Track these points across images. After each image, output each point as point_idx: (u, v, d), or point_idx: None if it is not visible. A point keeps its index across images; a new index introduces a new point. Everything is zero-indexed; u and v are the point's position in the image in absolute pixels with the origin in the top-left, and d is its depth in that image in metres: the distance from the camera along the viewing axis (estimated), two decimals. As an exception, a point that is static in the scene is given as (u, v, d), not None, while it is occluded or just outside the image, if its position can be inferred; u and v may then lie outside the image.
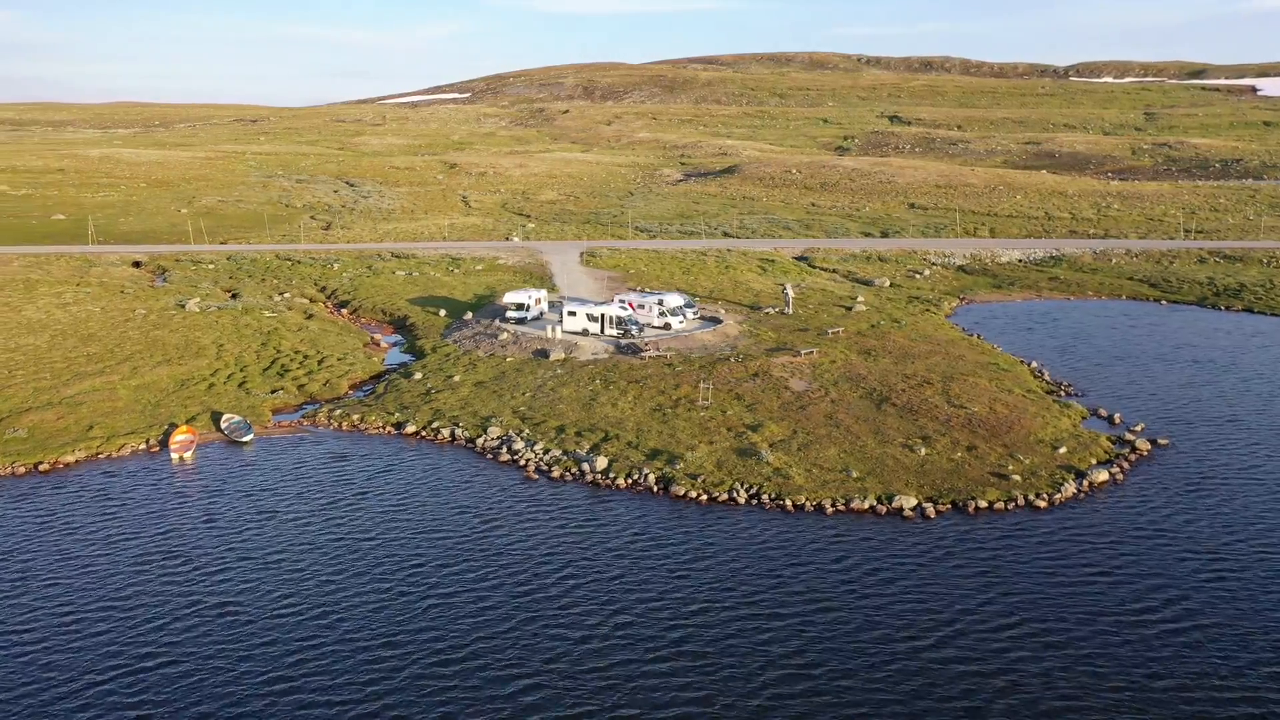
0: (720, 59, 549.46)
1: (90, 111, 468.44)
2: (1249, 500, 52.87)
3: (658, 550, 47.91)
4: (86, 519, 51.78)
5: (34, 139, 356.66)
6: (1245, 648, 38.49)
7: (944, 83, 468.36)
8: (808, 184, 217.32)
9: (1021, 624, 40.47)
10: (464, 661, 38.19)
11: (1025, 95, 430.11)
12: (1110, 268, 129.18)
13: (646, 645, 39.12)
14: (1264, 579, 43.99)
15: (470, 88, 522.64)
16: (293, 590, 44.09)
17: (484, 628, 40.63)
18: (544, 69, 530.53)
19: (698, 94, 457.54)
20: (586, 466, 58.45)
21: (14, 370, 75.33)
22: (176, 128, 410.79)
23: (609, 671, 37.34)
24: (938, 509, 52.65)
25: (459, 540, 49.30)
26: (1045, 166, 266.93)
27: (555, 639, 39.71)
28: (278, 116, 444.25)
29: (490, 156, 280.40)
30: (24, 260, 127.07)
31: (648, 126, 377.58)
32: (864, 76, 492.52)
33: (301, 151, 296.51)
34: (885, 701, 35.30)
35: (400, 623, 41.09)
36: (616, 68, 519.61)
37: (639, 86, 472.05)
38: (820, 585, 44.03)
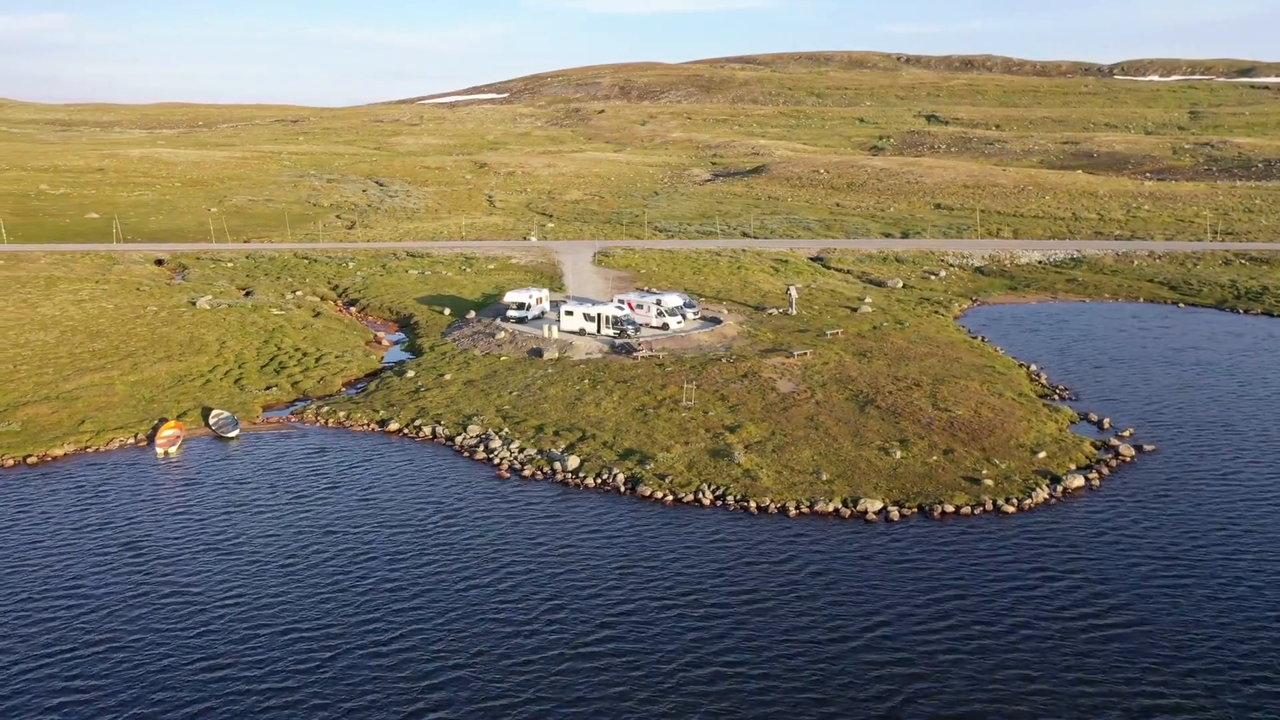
0: (758, 58, 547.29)
1: (137, 112, 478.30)
2: (1220, 508, 51.77)
3: (608, 549, 48.07)
4: (60, 509, 53.22)
5: (82, 139, 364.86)
6: (1180, 656, 37.89)
7: (984, 82, 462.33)
8: (834, 184, 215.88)
9: (956, 626, 40.18)
10: (394, 651, 38.82)
11: (1067, 94, 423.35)
12: (1131, 270, 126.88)
13: (575, 639, 39.50)
14: (1213, 589, 43.15)
15: (508, 88, 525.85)
16: (243, 579, 45.00)
17: (420, 619, 41.21)
18: (581, 69, 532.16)
19: (735, 94, 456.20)
20: (558, 465, 58.73)
21: (19, 365, 77.26)
22: (220, 128, 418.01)
23: (532, 663, 37.79)
24: (903, 512, 52.17)
25: (415, 534, 49.93)
26: (1082, 166, 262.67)
27: (485, 632, 40.21)
28: (318, 117, 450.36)
29: (521, 156, 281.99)
30: (50, 258, 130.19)
31: (682, 126, 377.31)
32: (903, 76, 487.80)
33: (337, 151, 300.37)
34: (800, 701, 35.26)
35: (340, 613, 41.82)
36: (654, 67, 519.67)
37: (676, 86, 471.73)
38: (764, 585, 43.97)
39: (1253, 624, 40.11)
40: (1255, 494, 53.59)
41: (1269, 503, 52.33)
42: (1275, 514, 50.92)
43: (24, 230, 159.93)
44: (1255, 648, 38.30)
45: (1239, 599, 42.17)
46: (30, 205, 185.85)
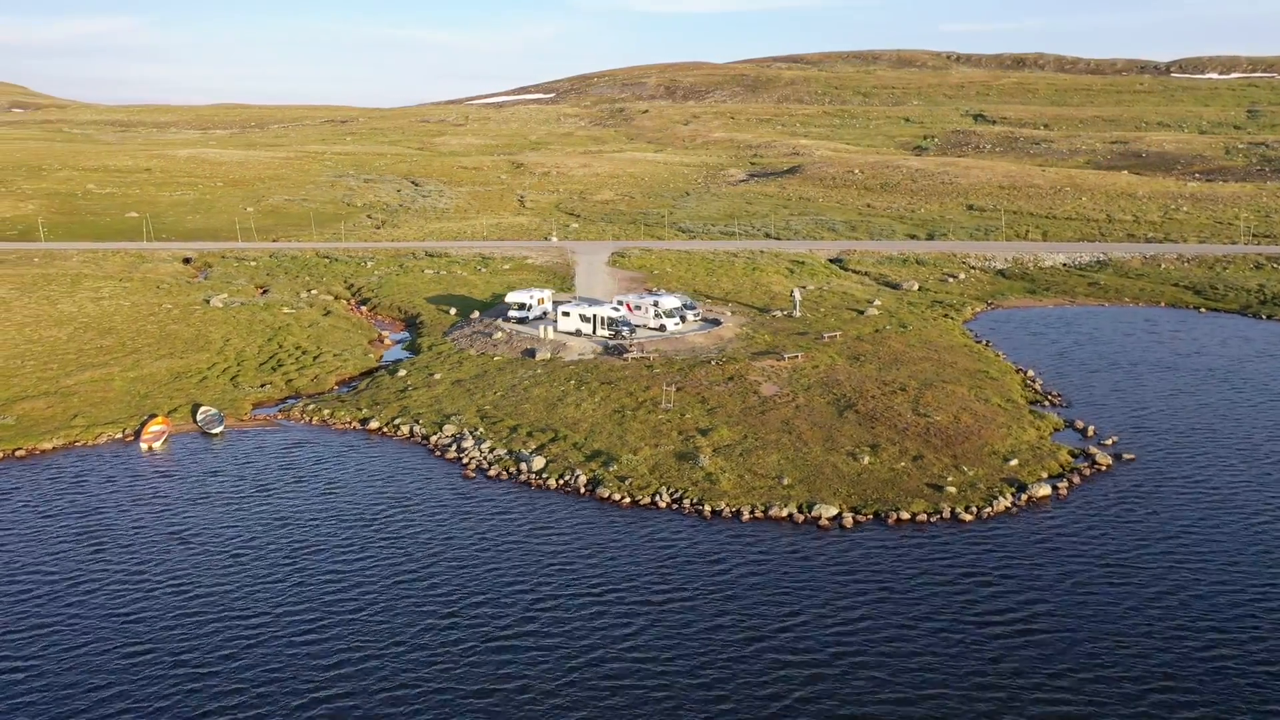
0: (806, 58, 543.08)
1: (193, 113, 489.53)
2: (1179, 520, 50.42)
3: (546, 547, 48.50)
4: (34, 499, 55.13)
5: (138, 140, 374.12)
6: (1091, 663, 37.25)
7: (1036, 80, 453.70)
8: (868, 185, 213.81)
9: (872, 629, 40.02)
10: (313, 639, 39.85)
11: (1121, 92, 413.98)
12: (1157, 273, 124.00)
13: (492, 631, 40.28)
14: (1144, 599, 42.18)
15: (555, 88, 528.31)
16: (190, 567, 46.49)
17: (347, 610, 42.27)
18: (628, 69, 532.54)
19: (780, 93, 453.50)
20: (524, 466, 59.18)
21: (26, 360, 79.75)
22: (270, 129, 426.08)
23: (445, 654, 38.55)
24: (858, 519, 51.72)
25: (364, 529, 50.93)
26: (1129, 166, 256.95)
27: (407, 623, 41.07)
28: (366, 117, 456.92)
29: (558, 156, 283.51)
30: (82, 256, 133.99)
31: (724, 126, 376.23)
32: (952, 74, 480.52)
33: (380, 152, 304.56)
34: (697, 698, 35.56)
35: (272, 601, 43.09)
36: (699, 67, 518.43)
37: (721, 86, 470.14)
38: (691, 585, 44.13)
39: (1174, 635, 39.36)
40: (1221, 505, 52.22)
41: (1231, 515, 50.97)
42: (1233, 526, 49.61)
43: (65, 228, 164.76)
44: (1171, 658, 37.62)
45: (1165, 610, 41.30)
46: (76, 204, 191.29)
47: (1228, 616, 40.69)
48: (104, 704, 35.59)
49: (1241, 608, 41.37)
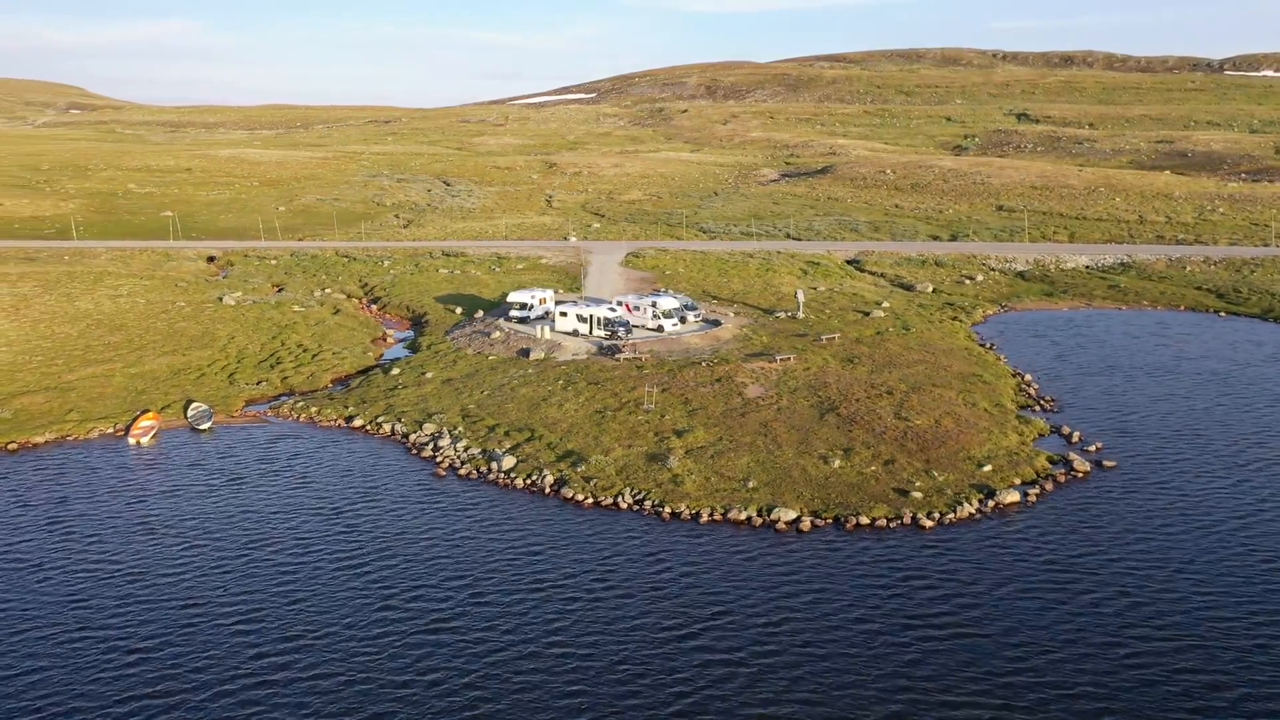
0: (848, 56, 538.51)
1: (240, 114, 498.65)
2: (1144, 530, 49.23)
3: (497, 544, 49.03)
4: (15, 489, 57.10)
5: (186, 140, 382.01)
6: (1003, 673, 36.76)
7: (1083, 78, 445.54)
8: (899, 185, 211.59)
9: (795, 630, 40.04)
10: (248, 626, 41.14)
11: (1171, 91, 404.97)
12: (1180, 276, 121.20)
13: (421, 624, 41.18)
14: (1080, 606, 41.41)
15: (596, 88, 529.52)
16: (147, 556, 48.17)
17: (285, 599, 43.60)
18: (669, 69, 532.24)
19: (821, 92, 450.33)
20: (495, 465, 59.58)
21: (33, 356, 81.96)
22: (315, 129, 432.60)
23: (372, 644, 39.63)
24: (816, 523, 51.34)
25: (321, 522, 52.11)
26: (1173, 166, 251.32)
27: (343, 614, 42.20)
28: (409, 117, 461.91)
29: (592, 156, 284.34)
30: (111, 254, 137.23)
31: (763, 126, 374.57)
32: (997, 73, 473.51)
33: (417, 151, 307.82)
34: (603, 693, 36.07)
35: (219, 588, 44.60)
36: (741, 66, 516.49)
37: (762, 85, 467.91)
38: (627, 583, 44.52)
39: (1104, 642, 38.74)
40: (1187, 514, 50.98)
41: (1195, 524, 49.76)
42: (1193, 535, 48.43)
43: (100, 227, 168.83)
44: (1095, 664, 37.07)
45: (1100, 617, 40.61)
46: (114, 203, 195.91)
47: (1163, 625, 39.94)
48: (36, 686, 36.82)
49: (1179, 617, 40.57)
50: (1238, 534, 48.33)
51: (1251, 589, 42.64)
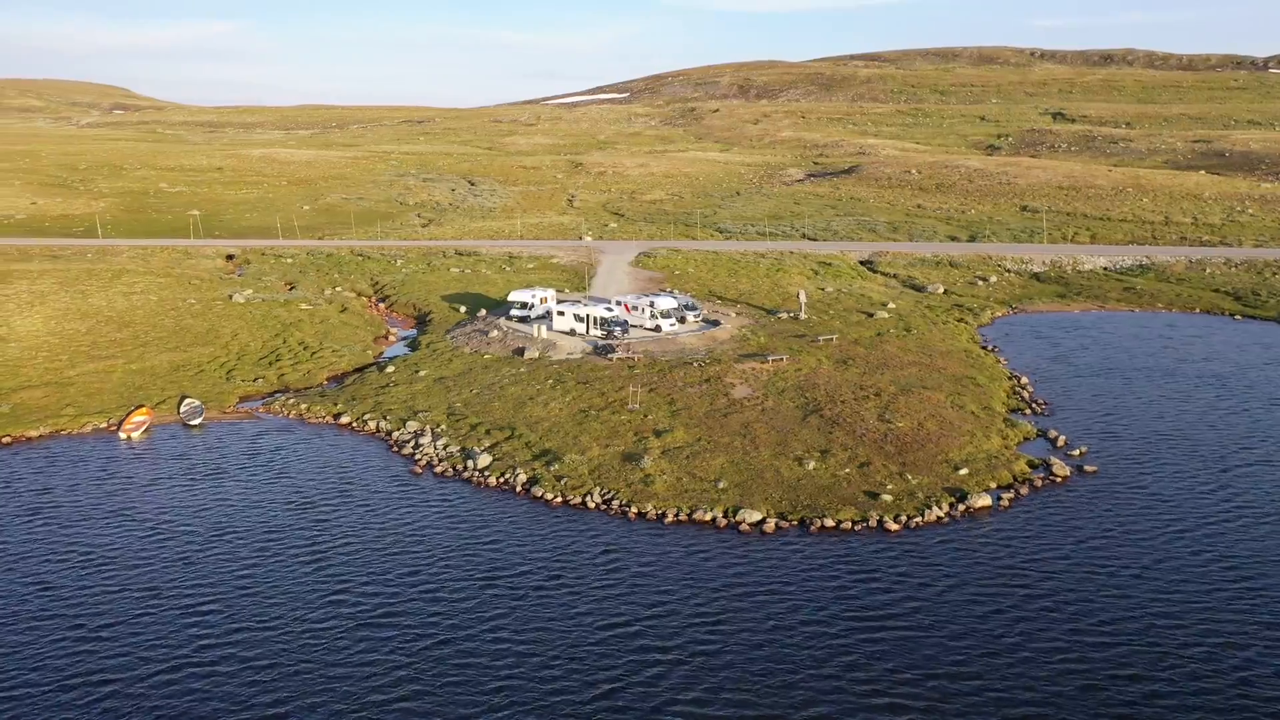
0: (883, 55, 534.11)
1: (278, 114, 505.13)
2: (1108, 536, 48.51)
3: (456, 540, 49.77)
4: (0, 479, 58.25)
5: (224, 140, 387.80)
6: (938, 676, 36.56)
7: (1123, 77, 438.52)
8: (923, 185, 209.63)
9: (732, 629, 40.24)
10: (201, 615, 42.35)
11: (1213, 89, 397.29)
12: (1200, 278, 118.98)
13: (364, 612, 42.30)
14: (1030, 615, 40.81)
15: (629, 88, 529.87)
16: (113, 544, 49.53)
17: (235, 588, 44.87)
18: (702, 68, 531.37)
19: (854, 91, 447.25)
20: (471, 463, 59.92)
21: (40, 351, 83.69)
22: (350, 129, 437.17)
23: (315, 631, 40.72)
24: (781, 525, 51.11)
25: (292, 515, 53.21)
26: (1209, 166, 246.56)
27: (292, 603, 43.31)
28: (443, 117, 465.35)
29: (619, 156, 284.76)
30: (132, 252, 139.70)
31: (794, 125, 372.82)
32: (1034, 71, 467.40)
33: (447, 151, 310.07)
34: (527, 682, 36.79)
35: (175, 576, 45.90)
36: (774, 66, 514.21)
37: (795, 85, 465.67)
38: (575, 579, 45.11)
39: (1046, 648, 38.46)
40: (1163, 521, 50.21)
41: (1162, 531, 49.05)
42: (1156, 542, 47.78)
43: (127, 225, 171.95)
44: (1032, 670, 36.87)
45: (1047, 624, 40.30)
46: (144, 202, 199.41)
47: (1110, 631, 39.49)
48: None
49: (1128, 623, 40.12)
50: (1204, 540, 47.56)
51: (1206, 597, 41.98)
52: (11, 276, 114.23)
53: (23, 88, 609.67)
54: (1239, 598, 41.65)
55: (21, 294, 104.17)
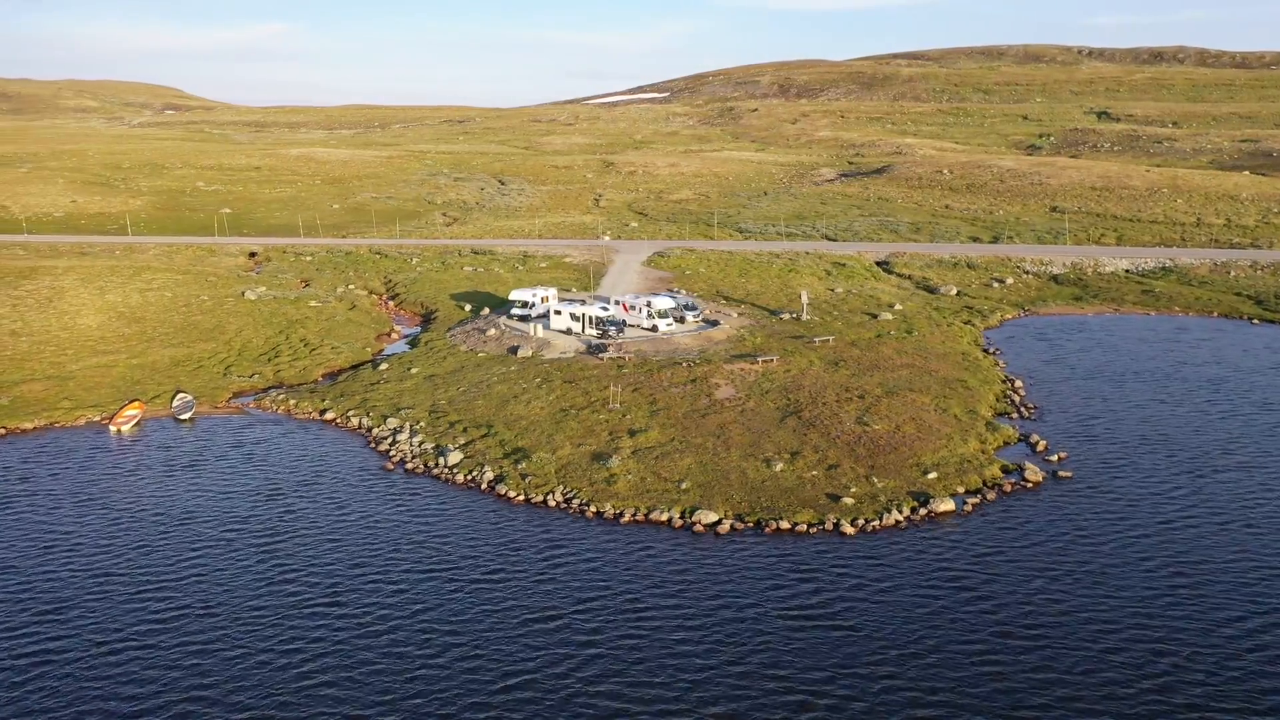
0: (927, 54, 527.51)
1: (323, 114, 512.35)
2: (1068, 545, 47.47)
3: (407, 533, 50.51)
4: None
5: (268, 139, 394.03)
6: (838, 687, 36.09)
7: (1173, 75, 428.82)
8: (953, 185, 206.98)
9: (655, 624, 40.68)
10: (146, 600, 43.79)
11: (1266, 88, 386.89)
12: (1223, 281, 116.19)
13: (302, 600, 43.31)
14: (958, 619, 40.20)
15: (670, 87, 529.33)
16: (76, 530, 51.20)
17: (189, 574, 46.03)
18: (743, 67, 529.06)
19: (896, 90, 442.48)
20: (442, 460, 60.43)
21: (47, 345, 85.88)
22: (392, 128, 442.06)
23: (248, 618, 41.84)
24: (736, 526, 50.89)
25: (255, 506, 54.55)
26: (1254, 166, 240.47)
27: (233, 590, 44.57)
28: (483, 117, 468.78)
29: (652, 156, 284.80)
30: (158, 249, 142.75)
31: (832, 125, 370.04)
32: (1080, 70, 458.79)
33: (482, 151, 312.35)
34: (439, 668, 37.79)
35: (127, 562, 47.34)
36: (816, 65, 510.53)
37: (836, 84, 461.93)
38: (512, 574, 45.64)
39: (973, 650, 38.09)
40: (1125, 527, 49.20)
41: (1125, 538, 47.99)
42: (1115, 549, 46.82)
43: (159, 223, 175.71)
44: (943, 674, 36.36)
45: (976, 627, 39.74)
46: (180, 200, 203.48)
47: (1034, 636, 38.98)
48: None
49: (1061, 630, 39.43)
50: (1158, 545, 46.79)
51: (1146, 603, 41.27)
52: (37, 273, 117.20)
53: (80, 88, 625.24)
54: (1178, 603, 40.89)
55: (42, 290, 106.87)
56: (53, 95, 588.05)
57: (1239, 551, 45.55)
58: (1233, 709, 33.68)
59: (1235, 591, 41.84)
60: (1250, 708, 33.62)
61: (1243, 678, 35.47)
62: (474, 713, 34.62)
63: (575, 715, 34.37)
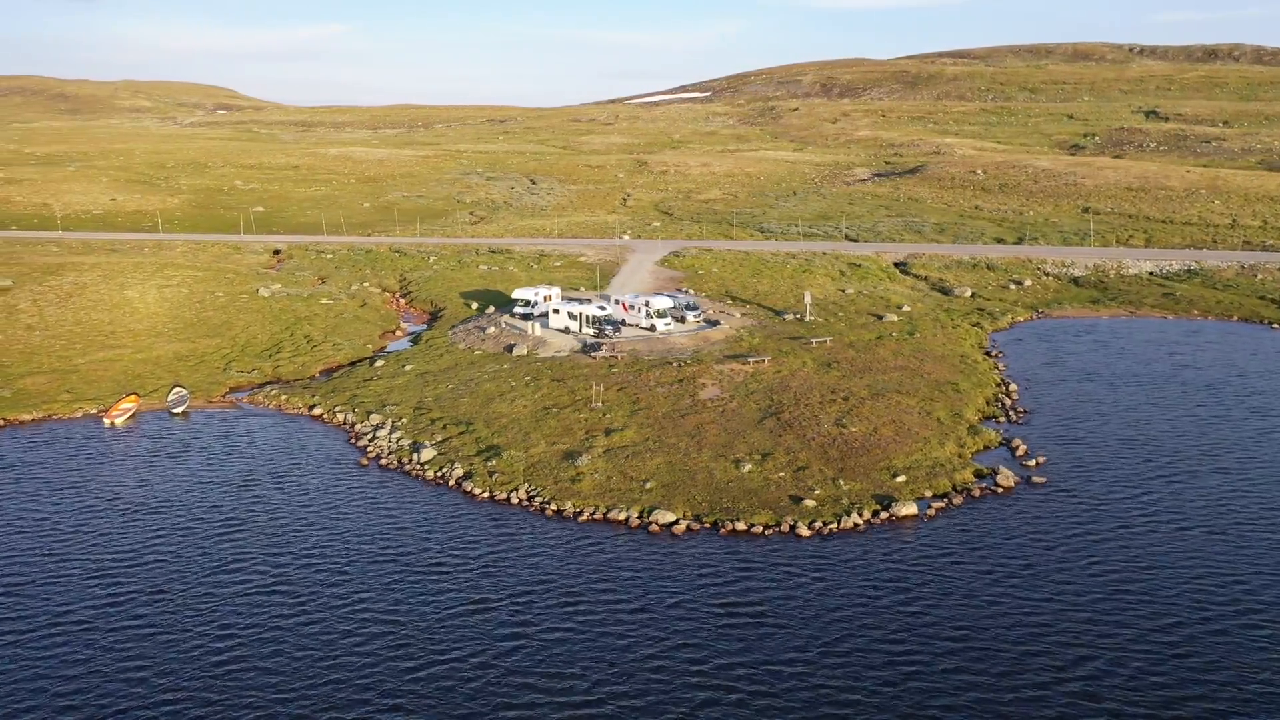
0: (972, 52, 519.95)
1: (368, 114, 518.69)
2: (1018, 552, 46.59)
3: (366, 525, 51.48)
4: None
5: (312, 139, 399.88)
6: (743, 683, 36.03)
7: (1226, 73, 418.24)
8: (985, 186, 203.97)
9: (583, 619, 41.07)
10: (106, 578, 45.53)
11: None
12: (1249, 284, 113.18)
13: (244, 586, 44.65)
14: (878, 635, 39.48)
15: (711, 86, 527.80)
16: (47, 516, 52.90)
17: (148, 560, 47.48)
18: (786, 66, 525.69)
19: (940, 90, 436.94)
20: (416, 456, 60.99)
21: (58, 339, 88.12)
22: (435, 128, 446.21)
23: (192, 605, 43.12)
24: (693, 527, 50.74)
25: (223, 496, 55.80)
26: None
27: (183, 577, 45.80)
28: (524, 116, 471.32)
29: (686, 155, 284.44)
30: (186, 246, 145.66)
31: (872, 124, 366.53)
32: (1131, 68, 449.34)
33: (519, 150, 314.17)
34: (362, 651, 38.82)
35: (89, 546, 48.96)
36: (860, 64, 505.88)
37: (879, 83, 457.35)
38: (454, 566, 46.38)
39: (896, 653, 37.79)
40: (1078, 535, 48.14)
41: (1075, 545, 47.03)
42: (1064, 556, 45.90)
43: (192, 221, 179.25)
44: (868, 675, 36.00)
45: (889, 634, 39.24)
46: (216, 199, 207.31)
47: (958, 639, 38.57)
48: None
49: (983, 631, 39.04)
50: (1112, 550, 46.05)
51: (1082, 608, 40.59)
52: (64, 269, 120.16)
53: (136, 89, 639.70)
54: (1116, 608, 40.23)
55: (64, 286, 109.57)
56: (109, 96, 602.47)
57: (1193, 557, 44.56)
58: (1142, 715, 32.98)
59: (1179, 597, 40.95)
60: (1158, 716, 32.90)
61: (1163, 684, 34.72)
62: (386, 698, 35.19)
63: (484, 702, 35.00)
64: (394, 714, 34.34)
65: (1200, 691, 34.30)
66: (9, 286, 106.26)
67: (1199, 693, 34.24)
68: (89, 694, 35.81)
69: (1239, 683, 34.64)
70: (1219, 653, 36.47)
